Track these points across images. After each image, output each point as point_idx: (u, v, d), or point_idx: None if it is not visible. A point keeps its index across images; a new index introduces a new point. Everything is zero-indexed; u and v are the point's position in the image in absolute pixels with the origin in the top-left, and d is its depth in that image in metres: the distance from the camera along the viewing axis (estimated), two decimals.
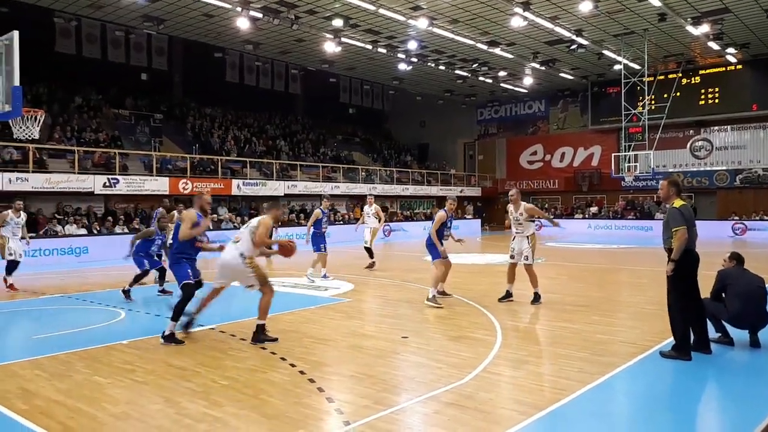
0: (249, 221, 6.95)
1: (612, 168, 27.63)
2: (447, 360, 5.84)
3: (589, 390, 4.90)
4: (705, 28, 21.98)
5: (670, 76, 29.04)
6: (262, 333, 6.61)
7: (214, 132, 27.57)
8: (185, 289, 6.69)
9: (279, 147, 29.31)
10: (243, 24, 19.96)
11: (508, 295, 9.10)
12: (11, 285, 10.98)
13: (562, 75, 29.71)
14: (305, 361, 5.81)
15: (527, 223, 9.05)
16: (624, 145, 27.66)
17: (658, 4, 19.72)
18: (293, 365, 5.68)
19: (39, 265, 14.90)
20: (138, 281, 9.83)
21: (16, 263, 11.14)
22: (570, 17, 21.20)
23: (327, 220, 12.53)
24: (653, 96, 27.47)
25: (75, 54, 21.35)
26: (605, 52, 25.42)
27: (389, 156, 36.29)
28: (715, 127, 29.64)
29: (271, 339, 6.60)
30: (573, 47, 23.91)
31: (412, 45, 24.03)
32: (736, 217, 26.69)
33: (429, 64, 27.27)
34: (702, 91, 28.93)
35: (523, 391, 4.89)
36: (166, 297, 9.84)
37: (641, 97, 26.97)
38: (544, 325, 7.67)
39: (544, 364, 5.83)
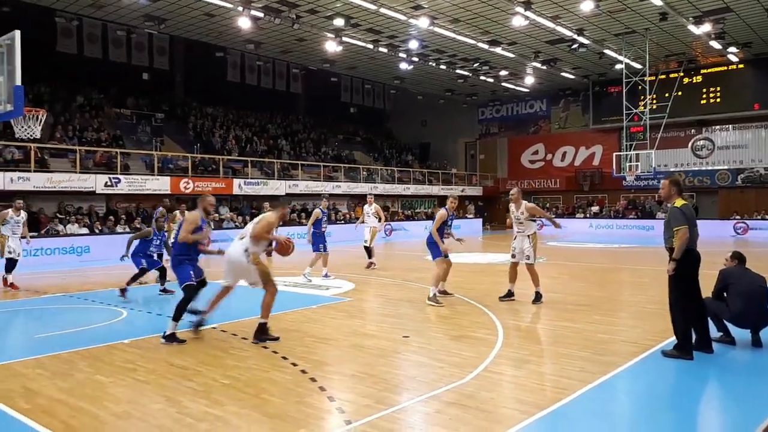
0: (255, 218, 6.96)
1: (613, 167, 27.66)
2: (448, 359, 5.84)
3: (591, 389, 4.89)
4: (706, 27, 21.96)
5: (671, 75, 29.00)
6: (264, 332, 6.61)
7: (215, 131, 27.57)
8: (187, 290, 6.71)
9: (280, 146, 29.32)
10: (244, 23, 19.97)
11: (509, 295, 9.10)
12: (12, 284, 11.02)
13: (563, 74, 29.68)
14: (307, 360, 5.81)
15: (528, 223, 9.04)
16: (625, 145, 27.70)
17: (659, 3, 19.68)
18: (295, 364, 5.69)
19: (41, 265, 14.93)
20: (135, 280, 9.83)
21: (14, 261, 11.18)
22: (571, 16, 21.18)
23: (327, 219, 12.56)
24: (654, 95, 27.46)
25: (76, 53, 21.39)
26: (606, 51, 25.39)
27: (390, 155, 36.28)
28: (717, 127, 29.56)
29: (273, 338, 6.61)
30: (574, 46, 23.90)
31: (413, 44, 24.03)
32: (737, 217, 26.66)
33: (430, 63, 27.26)
34: (703, 91, 28.87)
35: (525, 391, 4.89)
36: (167, 296, 9.84)
37: (642, 97, 26.94)
38: (545, 325, 7.67)
39: (545, 363, 5.82)
